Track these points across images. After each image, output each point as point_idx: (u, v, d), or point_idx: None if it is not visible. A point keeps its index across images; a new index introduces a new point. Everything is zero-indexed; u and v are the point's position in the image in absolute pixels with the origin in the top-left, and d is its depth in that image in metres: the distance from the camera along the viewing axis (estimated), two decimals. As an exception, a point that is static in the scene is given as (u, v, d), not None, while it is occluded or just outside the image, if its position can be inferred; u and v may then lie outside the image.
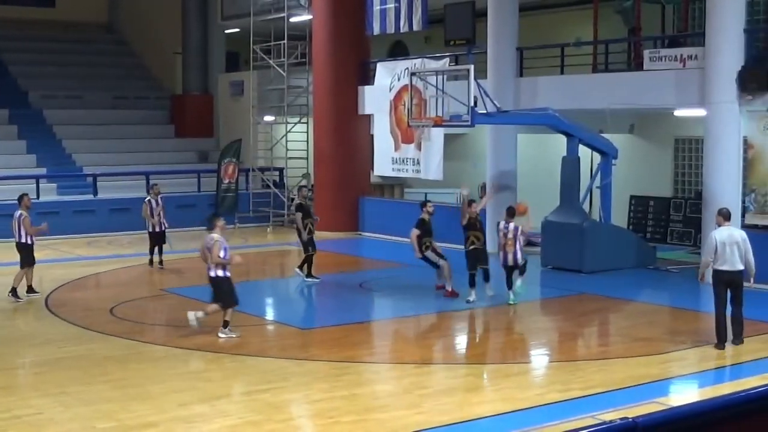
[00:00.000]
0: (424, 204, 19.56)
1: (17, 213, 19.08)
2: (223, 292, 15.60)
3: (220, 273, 15.56)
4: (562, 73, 24.41)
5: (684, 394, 12.82)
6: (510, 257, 18.10)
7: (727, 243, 14.41)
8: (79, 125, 34.52)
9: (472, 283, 18.41)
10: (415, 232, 18.92)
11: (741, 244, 14.45)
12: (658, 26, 26.63)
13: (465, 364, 14.64)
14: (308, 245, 20.91)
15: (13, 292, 18.93)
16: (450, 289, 18.87)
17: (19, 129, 33.26)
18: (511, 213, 18.31)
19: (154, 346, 15.05)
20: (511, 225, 18.06)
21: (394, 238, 27.40)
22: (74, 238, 27.30)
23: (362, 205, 28.97)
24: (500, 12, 24.38)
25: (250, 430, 10.98)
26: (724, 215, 14.80)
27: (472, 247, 18.47)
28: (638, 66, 23.06)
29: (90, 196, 29.90)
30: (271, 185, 32.04)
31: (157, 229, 22.78)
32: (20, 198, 19.41)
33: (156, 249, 22.86)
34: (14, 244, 19.15)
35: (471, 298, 18.25)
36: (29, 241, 19.03)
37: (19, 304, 18.65)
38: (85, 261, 23.60)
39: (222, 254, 15.34)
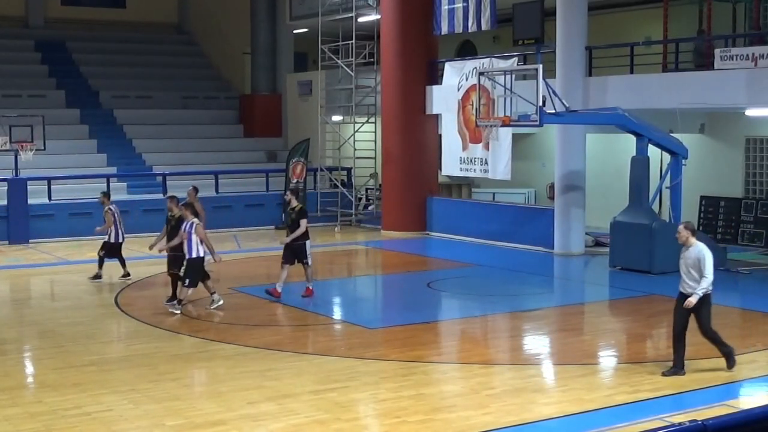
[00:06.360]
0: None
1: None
2: None
3: None
4: (631, 72, 24.16)
5: (754, 397, 12.63)
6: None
7: None
8: (149, 125, 34.92)
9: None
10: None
11: None
12: (729, 25, 26.30)
13: (532, 364, 14.57)
14: None
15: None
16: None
17: (91, 129, 33.74)
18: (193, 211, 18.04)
19: (222, 344, 15.17)
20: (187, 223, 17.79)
21: (461, 237, 27.38)
22: (144, 237, 27.57)
23: (430, 204, 28.95)
24: (569, 11, 24.21)
25: (318, 429, 11.02)
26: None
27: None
28: (709, 65, 22.79)
29: (159, 195, 30.16)
30: (339, 185, 32.13)
31: (120, 240, 21.49)
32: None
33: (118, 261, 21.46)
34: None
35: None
36: None
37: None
38: (154, 259, 23.78)
39: None
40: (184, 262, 17.58)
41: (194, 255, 17.49)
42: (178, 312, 17.46)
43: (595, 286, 21.81)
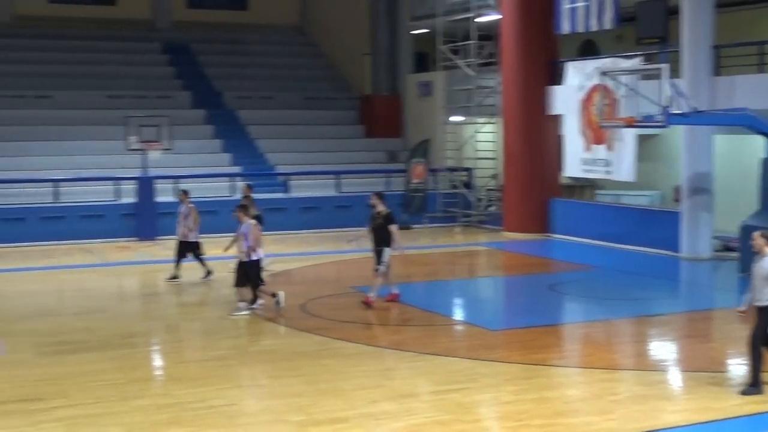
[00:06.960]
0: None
1: None
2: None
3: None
4: (761, 71, 23.56)
5: None
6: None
7: None
8: (272, 125, 35.32)
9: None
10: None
11: None
12: None
13: (657, 371, 14.27)
14: None
15: None
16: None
17: (216, 129, 34.30)
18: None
19: (344, 342, 15.22)
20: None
21: (585, 240, 27.05)
22: (266, 235, 27.77)
23: (552, 206, 28.66)
24: (695, 9, 23.69)
25: (438, 430, 10.97)
26: None
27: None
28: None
29: (282, 195, 30.58)
30: (460, 185, 32.04)
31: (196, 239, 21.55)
32: None
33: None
34: None
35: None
36: None
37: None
38: (276, 258, 24.03)
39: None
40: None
41: (253, 258, 17.65)
42: (245, 313, 17.40)
43: (724, 291, 21.22)
